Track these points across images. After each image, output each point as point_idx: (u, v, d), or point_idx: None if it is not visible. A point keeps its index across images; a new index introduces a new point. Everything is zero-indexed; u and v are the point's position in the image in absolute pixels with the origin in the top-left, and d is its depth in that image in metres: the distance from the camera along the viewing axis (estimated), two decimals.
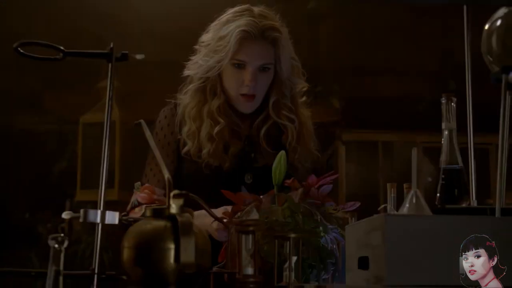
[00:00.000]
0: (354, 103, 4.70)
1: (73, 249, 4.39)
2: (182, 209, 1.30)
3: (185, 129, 2.06)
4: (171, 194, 1.31)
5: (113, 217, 1.37)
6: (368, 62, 4.73)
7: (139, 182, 1.94)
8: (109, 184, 4.60)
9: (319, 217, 1.64)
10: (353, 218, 1.60)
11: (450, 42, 4.62)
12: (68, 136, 4.78)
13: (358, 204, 1.70)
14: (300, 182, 1.75)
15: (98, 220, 1.35)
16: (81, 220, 1.34)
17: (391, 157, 4.90)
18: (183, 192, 1.31)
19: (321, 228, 1.63)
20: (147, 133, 1.43)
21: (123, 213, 1.47)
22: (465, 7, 1.68)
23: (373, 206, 1.70)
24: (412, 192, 1.36)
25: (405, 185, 1.55)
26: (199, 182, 2.01)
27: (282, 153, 1.76)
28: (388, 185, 1.58)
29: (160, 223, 1.29)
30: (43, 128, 4.80)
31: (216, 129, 2.03)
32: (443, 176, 1.46)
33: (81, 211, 1.34)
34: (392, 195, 1.54)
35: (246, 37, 2.01)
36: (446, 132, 1.48)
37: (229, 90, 2.06)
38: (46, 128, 4.80)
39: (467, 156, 1.65)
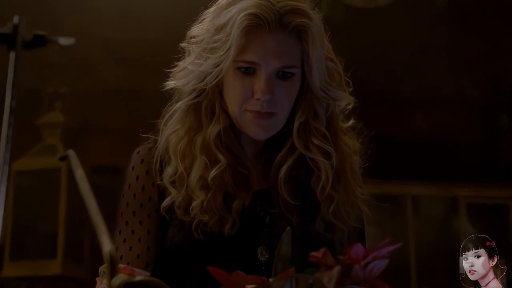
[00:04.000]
0: (376, 144, 4.43)
1: None
2: None
3: (168, 171, 1.76)
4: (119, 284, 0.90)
5: None
6: (393, 91, 4.65)
7: (104, 265, 1.55)
8: (50, 253, 4.36)
9: None
10: None
11: (499, 66, 4.61)
12: None
13: None
14: (335, 256, 1.36)
15: None
16: None
17: (422, 216, 4.80)
18: (138, 279, 0.96)
19: None
20: (78, 173, 1.07)
21: None
22: None
23: (405, 281, 1.39)
24: None
25: None
26: (188, 255, 1.72)
27: (286, 230, 1.43)
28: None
29: None
30: None
31: (213, 172, 1.73)
32: None
33: None
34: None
35: (256, 26, 1.69)
36: None
37: (233, 108, 1.75)
38: None
39: None
